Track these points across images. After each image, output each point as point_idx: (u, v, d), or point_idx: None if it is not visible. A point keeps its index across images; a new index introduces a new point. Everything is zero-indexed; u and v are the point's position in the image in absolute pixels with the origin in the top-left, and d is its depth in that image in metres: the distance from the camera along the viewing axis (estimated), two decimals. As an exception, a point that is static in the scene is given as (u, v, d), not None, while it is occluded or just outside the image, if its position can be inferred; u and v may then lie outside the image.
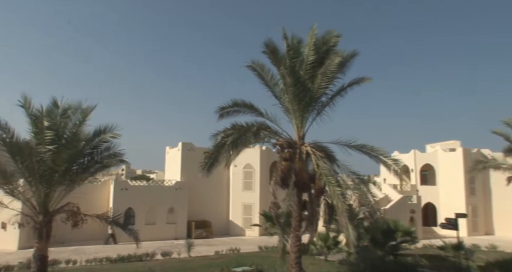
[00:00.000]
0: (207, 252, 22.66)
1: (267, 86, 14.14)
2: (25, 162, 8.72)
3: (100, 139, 9.79)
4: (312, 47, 12.75)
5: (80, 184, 9.84)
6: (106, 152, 9.99)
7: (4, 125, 8.86)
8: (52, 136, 8.99)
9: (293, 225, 13.22)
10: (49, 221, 9.35)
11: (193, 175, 30.62)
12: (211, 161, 13.48)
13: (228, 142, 12.32)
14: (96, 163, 9.84)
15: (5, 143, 8.78)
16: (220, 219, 31.06)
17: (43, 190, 9.07)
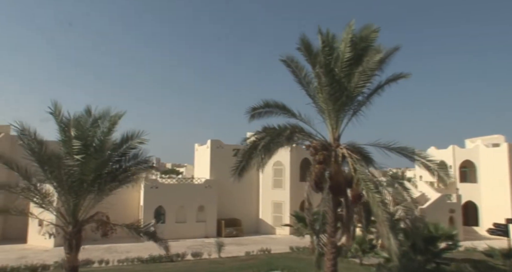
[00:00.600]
0: (238, 253, 22.35)
1: (300, 84, 13.44)
2: (54, 172, 8.55)
3: (128, 145, 9.49)
4: (349, 43, 11.91)
5: (109, 194, 9.60)
6: (134, 160, 9.69)
7: (32, 134, 8.71)
8: (80, 145, 8.73)
9: (328, 231, 12.55)
10: (79, 231, 9.18)
11: (222, 172, 30.35)
12: (242, 165, 12.99)
13: (260, 146, 11.74)
14: (124, 171, 9.55)
15: (33, 152, 8.63)
16: (250, 217, 30.73)
17: (72, 200, 8.89)
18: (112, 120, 9.50)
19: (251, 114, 12.59)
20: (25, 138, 8.77)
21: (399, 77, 12.89)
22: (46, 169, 8.68)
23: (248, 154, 12.31)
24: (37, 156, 8.62)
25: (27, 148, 8.77)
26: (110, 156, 9.40)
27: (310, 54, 12.42)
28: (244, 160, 12.87)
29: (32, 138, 8.72)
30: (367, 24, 12.45)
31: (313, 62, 12.41)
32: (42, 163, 8.62)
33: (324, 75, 11.43)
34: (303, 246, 22.56)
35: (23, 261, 19.21)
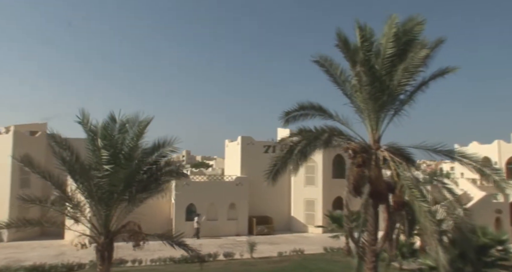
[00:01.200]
0: (270, 253, 21.90)
1: (336, 83, 12.63)
2: (84, 183, 8.32)
3: (159, 154, 9.14)
4: (392, 38, 10.96)
5: (139, 205, 9.32)
6: (166, 168, 9.32)
7: (63, 142, 8.50)
8: (109, 155, 8.43)
9: (368, 239, 11.79)
10: (111, 242, 8.96)
11: (253, 169, 29.96)
12: (276, 168, 12.37)
13: (296, 150, 11.06)
14: (155, 181, 9.22)
15: (64, 162, 8.43)
16: (282, 214, 30.20)
17: (103, 211, 8.66)
18: (140, 127, 9.12)
19: (285, 119, 11.93)
20: (56, 146, 8.57)
21: (446, 72, 11.80)
22: (77, 178, 8.47)
23: (283, 158, 11.66)
24: (68, 166, 8.42)
25: (58, 157, 8.57)
26: (140, 165, 9.08)
27: (348, 51, 11.57)
28: (278, 164, 12.25)
29: (64, 146, 8.50)
30: (411, 16, 11.42)
31: (352, 59, 11.58)
32: (73, 173, 8.41)
33: (365, 73, 10.58)
34: (337, 247, 21.78)
35: (60, 258, 19.65)
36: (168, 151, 9.17)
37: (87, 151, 8.98)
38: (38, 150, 27.46)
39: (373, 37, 11.79)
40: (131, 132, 8.97)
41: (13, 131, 26.69)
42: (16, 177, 26.01)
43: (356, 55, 11.54)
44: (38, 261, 18.60)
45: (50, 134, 8.54)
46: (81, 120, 8.87)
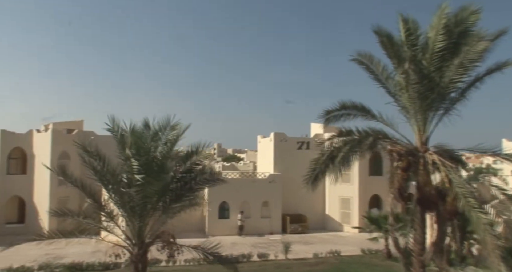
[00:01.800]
0: (305, 253, 21.28)
1: (378, 81, 11.72)
2: (117, 193, 8.03)
3: (193, 161, 8.70)
4: (442, 30, 9.93)
5: (173, 217, 8.96)
6: (201, 176, 8.87)
7: (94, 151, 8.22)
8: (141, 164, 8.07)
9: (415, 249, 10.92)
10: (145, 253, 8.69)
11: (287, 166, 29.37)
12: (316, 173, 11.66)
13: (338, 158, 10.27)
14: (189, 190, 8.80)
15: (96, 171, 8.17)
16: (316, 213, 29.42)
17: (136, 222, 8.37)
18: (174, 132, 8.68)
19: (325, 118, 11.18)
20: (85, 155, 8.31)
21: (506, 65, 10.65)
22: (109, 188, 8.20)
23: (324, 163, 10.93)
24: (99, 176, 8.15)
25: (89, 167, 8.32)
26: (173, 174, 8.68)
27: (392, 47, 10.64)
28: (318, 169, 11.54)
29: (94, 155, 8.23)
30: (463, 5, 10.31)
31: (396, 56, 10.66)
32: (105, 183, 8.14)
33: (413, 71, 9.64)
34: (375, 248, 20.87)
35: (97, 256, 19.91)
36: (202, 159, 8.72)
37: (119, 160, 8.68)
38: (75, 148, 28.10)
39: (418, 31, 10.83)
40: (164, 138, 8.58)
41: (51, 130, 27.35)
42: (55, 175, 26.63)
43: (400, 51, 10.62)
44: (76, 258, 18.96)
45: (79, 144, 8.29)
46: (111, 128, 8.58)
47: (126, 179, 8.14)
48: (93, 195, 8.77)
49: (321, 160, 11.23)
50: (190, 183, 8.90)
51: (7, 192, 26.90)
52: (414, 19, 10.86)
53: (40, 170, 26.89)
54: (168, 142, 8.53)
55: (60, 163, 27.09)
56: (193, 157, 8.76)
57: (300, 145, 30.00)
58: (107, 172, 8.10)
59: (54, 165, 26.78)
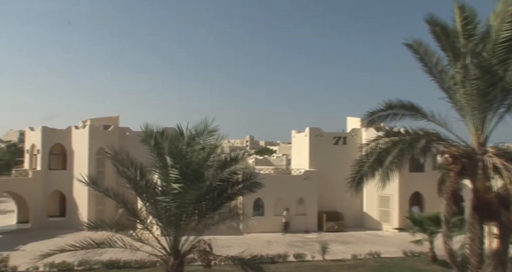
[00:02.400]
0: (343, 254, 20.48)
1: (431, 74, 10.68)
2: (151, 203, 7.65)
3: (232, 170, 8.18)
4: (508, 18, 8.76)
5: (210, 228, 8.52)
6: (239, 185, 8.33)
7: (125, 160, 7.87)
8: (178, 174, 7.61)
9: (473, 262, 9.92)
10: (181, 263, 8.32)
11: (322, 162, 28.48)
12: (360, 175, 10.86)
13: (387, 160, 9.42)
14: (227, 198, 8.30)
15: (129, 180, 7.84)
16: (353, 210, 28.36)
17: (171, 232, 7.99)
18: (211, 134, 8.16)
19: (368, 120, 10.30)
20: (118, 164, 7.97)
21: None
22: (143, 197, 7.85)
23: (370, 167, 10.09)
24: (133, 184, 7.80)
25: (123, 176, 7.98)
26: (210, 183, 8.20)
27: (447, 37, 9.58)
28: (363, 172, 10.73)
29: (127, 164, 7.87)
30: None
31: (451, 47, 9.60)
32: (139, 192, 7.78)
33: (474, 65, 8.59)
34: (418, 250, 19.72)
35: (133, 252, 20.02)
36: (241, 168, 8.17)
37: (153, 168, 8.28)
38: (112, 143, 28.50)
39: (476, 19, 9.69)
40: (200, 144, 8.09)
41: (89, 126, 27.86)
42: (93, 170, 27.21)
43: (455, 42, 9.55)
44: (113, 255, 19.15)
45: (112, 154, 7.97)
46: (143, 137, 8.17)
47: (161, 187, 7.75)
48: (126, 203, 8.47)
49: (367, 163, 10.40)
50: (227, 191, 8.39)
51: (49, 187, 27.79)
52: (471, 7, 9.76)
53: (79, 165, 27.54)
54: (205, 148, 8.04)
55: (98, 159, 27.68)
56: (232, 166, 8.24)
57: (337, 140, 28.97)
58: (141, 181, 7.73)
59: (91, 161, 27.39)
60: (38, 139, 28.56)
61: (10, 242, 23.09)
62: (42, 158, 28.05)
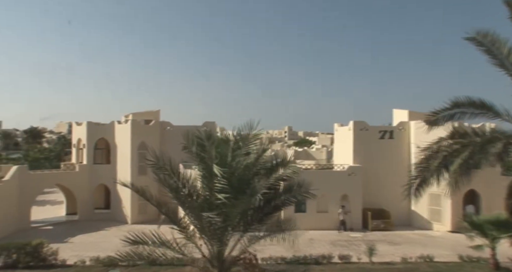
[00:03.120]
0: (391, 256, 19.31)
1: (502, 66, 9.32)
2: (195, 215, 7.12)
3: (279, 176, 7.46)
4: None
5: (254, 242, 7.89)
6: (287, 194, 7.61)
7: (174, 170, 7.34)
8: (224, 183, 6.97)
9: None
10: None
11: (367, 157, 27.11)
12: (419, 181, 9.80)
13: (454, 165, 8.32)
14: (274, 209, 7.61)
15: (172, 189, 7.35)
16: (400, 208, 26.70)
17: (215, 245, 7.45)
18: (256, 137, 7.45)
19: (432, 120, 9.17)
20: (160, 172, 7.48)
21: None
22: (186, 207, 7.34)
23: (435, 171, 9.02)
24: (175, 194, 7.30)
25: (166, 184, 7.50)
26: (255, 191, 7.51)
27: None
28: (425, 176, 9.66)
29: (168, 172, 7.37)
30: None
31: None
32: (182, 203, 7.27)
33: None
34: (476, 255, 18.13)
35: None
36: (290, 174, 7.44)
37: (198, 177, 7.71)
38: (153, 138, 28.78)
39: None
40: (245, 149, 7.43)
41: (131, 121, 28.17)
42: (135, 164, 27.60)
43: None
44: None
45: (153, 161, 7.50)
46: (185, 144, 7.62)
47: (204, 196, 7.19)
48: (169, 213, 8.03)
49: (432, 166, 9.31)
50: (275, 200, 7.70)
51: (94, 180, 28.56)
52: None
53: (122, 160, 28.03)
54: (250, 153, 7.36)
55: (140, 154, 27.99)
56: (279, 171, 7.52)
57: (383, 134, 27.43)
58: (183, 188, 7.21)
59: (134, 155, 27.74)
60: (83, 133, 29.35)
61: (60, 234, 23.95)
62: (87, 152, 28.82)
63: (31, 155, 50.62)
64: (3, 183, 24.11)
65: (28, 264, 17.64)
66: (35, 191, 27.02)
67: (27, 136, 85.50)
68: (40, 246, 18.02)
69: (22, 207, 25.37)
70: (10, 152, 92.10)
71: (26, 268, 17.49)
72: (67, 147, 50.39)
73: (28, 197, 25.84)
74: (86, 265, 17.86)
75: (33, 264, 17.69)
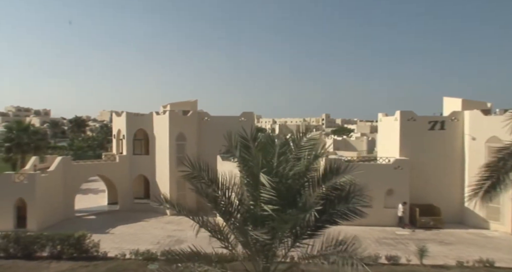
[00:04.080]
0: (444, 258, 17.88)
1: None
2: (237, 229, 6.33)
3: (331, 185, 6.51)
4: None
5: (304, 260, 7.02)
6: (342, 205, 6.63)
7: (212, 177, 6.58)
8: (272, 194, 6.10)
9: None
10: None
11: (415, 149, 25.33)
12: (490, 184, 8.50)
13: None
14: (326, 222, 6.68)
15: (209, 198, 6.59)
16: (450, 204, 24.98)
17: (261, 261, 6.67)
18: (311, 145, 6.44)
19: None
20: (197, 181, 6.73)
21: None
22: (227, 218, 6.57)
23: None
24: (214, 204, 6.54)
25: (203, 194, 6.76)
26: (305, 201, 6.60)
27: None
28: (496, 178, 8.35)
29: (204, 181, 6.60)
30: None
31: None
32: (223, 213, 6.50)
33: None
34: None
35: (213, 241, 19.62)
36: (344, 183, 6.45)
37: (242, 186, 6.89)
38: (191, 129, 28.47)
39: None
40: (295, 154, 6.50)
41: (168, 112, 27.94)
42: (173, 156, 27.43)
43: None
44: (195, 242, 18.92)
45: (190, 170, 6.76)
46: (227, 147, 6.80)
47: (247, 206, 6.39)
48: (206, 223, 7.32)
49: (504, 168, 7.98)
50: (328, 212, 6.76)
51: (134, 171, 28.80)
52: None
53: (161, 151, 27.97)
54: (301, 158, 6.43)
55: (178, 145, 27.78)
56: (332, 179, 6.56)
57: (433, 125, 25.44)
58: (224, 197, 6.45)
59: (172, 146, 27.57)
60: (123, 124, 29.54)
61: (102, 224, 24.37)
62: (127, 143, 29.03)
63: (75, 144, 52.42)
64: (49, 173, 24.73)
65: (72, 255, 17.91)
66: (78, 181, 27.63)
67: (72, 126, 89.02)
68: (82, 238, 18.23)
69: (67, 197, 26.02)
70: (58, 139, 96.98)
71: (70, 260, 17.77)
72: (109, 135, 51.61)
73: (72, 187, 26.45)
74: (127, 258, 17.86)
75: (76, 255, 17.94)
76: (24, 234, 18.52)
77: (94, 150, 52.06)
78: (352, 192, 6.98)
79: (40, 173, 23.98)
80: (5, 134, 38.30)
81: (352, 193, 6.93)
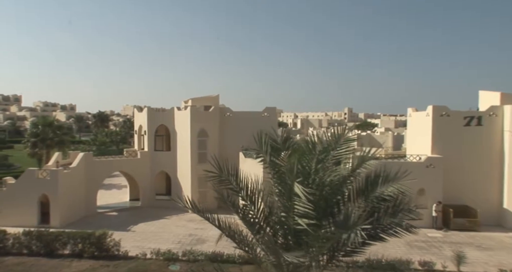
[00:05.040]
0: (484, 265, 16.65)
1: None
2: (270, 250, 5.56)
3: (377, 195, 5.62)
4: None
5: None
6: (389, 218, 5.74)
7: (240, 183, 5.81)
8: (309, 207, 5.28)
9: None
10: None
11: (449, 147, 23.88)
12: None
13: None
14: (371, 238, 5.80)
15: (236, 209, 5.82)
16: (487, 205, 23.42)
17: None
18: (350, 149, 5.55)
19: None
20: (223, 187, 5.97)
21: None
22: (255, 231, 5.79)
23: None
24: (242, 216, 5.76)
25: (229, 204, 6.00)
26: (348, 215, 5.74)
27: None
28: None
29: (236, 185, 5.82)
30: None
31: None
32: (250, 225, 5.72)
33: None
34: None
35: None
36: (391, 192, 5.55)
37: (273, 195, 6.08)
38: (212, 125, 27.84)
39: None
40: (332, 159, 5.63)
41: (190, 107, 27.37)
42: (195, 152, 26.91)
43: None
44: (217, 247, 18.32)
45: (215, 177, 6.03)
46: (257, 150, 6.00)
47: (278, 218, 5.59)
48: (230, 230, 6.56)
49: None
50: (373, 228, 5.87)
51: (155, 167, 28.43)
52: None
53: (182, 147, 27.47)
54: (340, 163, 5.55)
55: (199, 141, 27.22)
56: (379, 188, 5.66)
57: (469, 121, 23.88)
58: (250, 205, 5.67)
59: (194, 142, 27.03)
60: (144, 120, 29.19)
61: (123, 221, 24.13)
62: (148, 139, 28.68)
63: (99, 138, 52.84)
64: (71, 169, 24.65)
65: (93, 254, 17.63)
66: (100, 177, 27.50)
67: (96, 120, 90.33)
68: (103, 237, 17.91)
69: (89, 193, 25.92)
70: (83, 134, 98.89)
71: (90, 258, 17.49)
72: (132, 129, 51.80)
73: (93, 183, 26.33)
74: (147, 258, 17.43)
75: (97, 254, 17.65)
76: (46, 231, 18.35)
77: (117, 145, 52.37)
78: (400, 203, 6.05)
79: (63, 169, 23.89)
80: (31, 129, 38.84)
81: (401, 205, 6.00)
